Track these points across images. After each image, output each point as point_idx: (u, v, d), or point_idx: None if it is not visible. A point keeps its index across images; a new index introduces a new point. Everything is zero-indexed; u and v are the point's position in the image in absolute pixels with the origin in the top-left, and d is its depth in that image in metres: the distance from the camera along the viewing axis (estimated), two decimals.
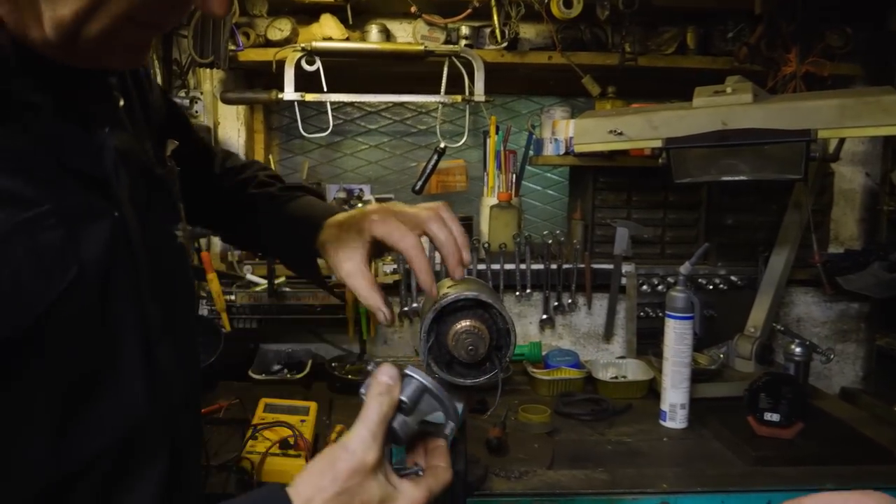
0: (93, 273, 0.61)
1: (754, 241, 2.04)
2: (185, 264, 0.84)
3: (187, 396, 0.78)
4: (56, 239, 0.57)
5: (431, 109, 2.20)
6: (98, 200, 0.65)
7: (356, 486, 0.65)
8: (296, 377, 1.81)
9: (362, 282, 0.82)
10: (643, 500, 1.26)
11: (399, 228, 0.81)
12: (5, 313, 0.54)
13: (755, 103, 1.51)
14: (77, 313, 0.60)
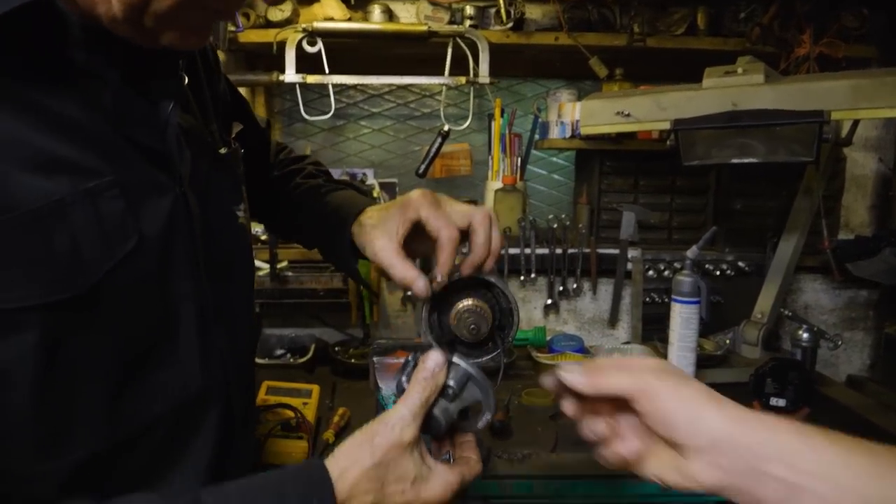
0: (153, 246, 0.64)
1: (763, 226, 2.01)
2: (244, 244, 0.85)
3: (240, 374, 0.80)
4: (117, 209, 0.59)
5: (435, 92, 2.17)
6: (160, 175, 0.66)
7: (392, 461, 0.66)
8: (299, 361, 1.79)
9: (395, 257, 0.80)
10: (646, 483, 1.24)
11: (445, 216, 0.80)
12: (63, 276, 0.56)
13: (767, 84, 1.48)
14: (136, 283, 0.62)
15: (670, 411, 0.62)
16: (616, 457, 0.67)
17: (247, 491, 0.63)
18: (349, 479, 0.65)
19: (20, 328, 0.54)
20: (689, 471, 0.62)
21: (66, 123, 0.58)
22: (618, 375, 0.65)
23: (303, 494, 0.63)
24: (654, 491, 1.23)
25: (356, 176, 2.07)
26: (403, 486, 0.67)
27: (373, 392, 1.45)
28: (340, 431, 1.39)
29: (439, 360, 0.71)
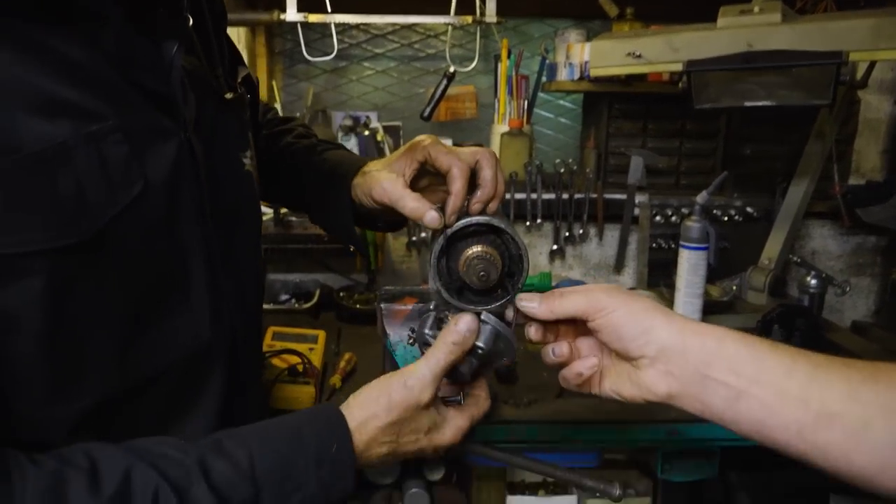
0: (159, 192, 0.62)
1: (772, 171, 1.98)
2: (251, 192, 0.84)
3: (248, 322, 0.80)
4: (121, 154, 0.58)
5: (440, 32, 2.11)
6: (164, 120, 0.64)
7: (408, 419, 0.69)
8: (303, 307, 1.80)
9: (403, 190, 0.80)
10: (652, 427, 1.25)
11: (452, 152, 0.79)
12: (68, 221, 0.55)
13: (783, 23, 1.43)
14: (143, 230, 0.61)
15: (621, 325, 0.66)
16: (574, 374, 0.71)
17: (264, 435, 0.64)
18: (366, 433, 0.67)
19: (26, 273, 0.54)
20: (643, 381, 0.66)
21: (68, 64, 0.56)
22: (571, 297, 0.69)
23: (320, 438, 0.65)
24: (659, 437, 1.24)
25: (360, 119, 2.03)
26: (417, 436, 0.71)
27: (380, 338, 1.46)
28: (347, 376, 1.40)
29: (472, 326, 0.72)
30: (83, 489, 0.53)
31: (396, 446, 0.70)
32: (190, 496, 0.57)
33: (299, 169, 0.97)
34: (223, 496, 0.58)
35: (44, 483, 0.52)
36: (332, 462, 0.65)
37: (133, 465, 0.56)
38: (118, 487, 0.54)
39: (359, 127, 1.98)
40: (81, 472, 0.54)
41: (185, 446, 0.60)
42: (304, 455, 0.63)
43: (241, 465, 0.60)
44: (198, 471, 0.58)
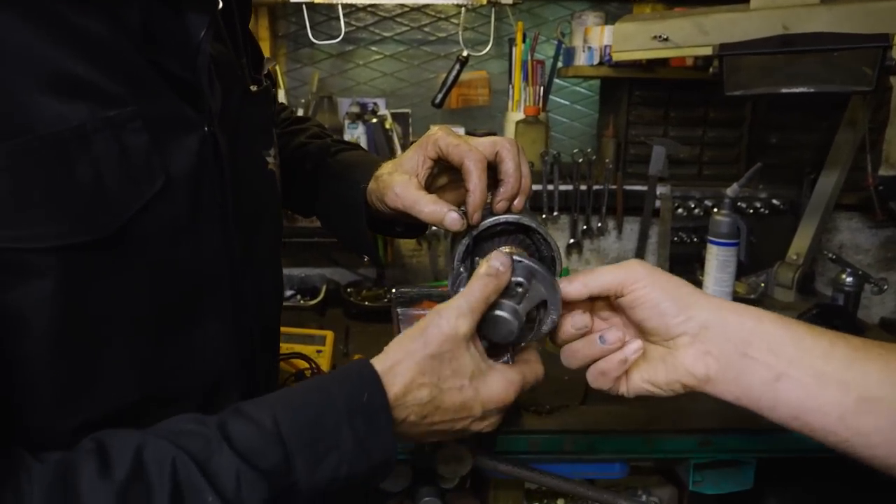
0: (181, 189, 0.57)
1: (800, 161, 1.89)
2: (274, 193, 0.77)
3: (266, 334, 0.74)
4: (140, 143, 0.53)
5: (451, 15, 2.01)
6: (187, 110, 0.58)
7: (447, 352, 0.61)
8: (310, 303, 1.72)
9: (417, 192, 0.72)
10: (683, 438, 1.18)
11: (467, 143, 0.71)
12: (86, 215, 0.50)
13: (822, 4, 1.34)
14: (165, 230, 0.55)
15: (663, 299, 0.62)
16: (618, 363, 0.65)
17: (287, 396, 0.57)
18: (401, 374, 0.59)
19: (36, 272, 0.48)
20: (680, 363, 0.63)
21: (87, 40, 0.50)
22: (606, 269, 0.65)
23: (349, 390, 0.57)
24: (690, 447, 1.17)
25: (367, 106, 1.94)
26: (461, 381, 0.62)
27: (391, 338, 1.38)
28: None
29: (505, 261, 0.64)
30: (94, 474, 0.47)
31: (438, 392, 0.60)
32: (212, 466, 0.50)
33: (311, 173, 0.90)
34: (250, 463, 0.51)
35: (50, 476, 0.47)
36: (366, 413, 0.57)
37: (144, 441, 0.51)
38: (131, 466, 0.48)
39: (366, 114, 1.89)
40: (89, 457, 0.48)
41: (200, 417, 0.55)
42: (333, 410, 0.56)
43: (266, 427, 0.53)
44: (219, 437, 0.52)
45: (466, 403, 0.62)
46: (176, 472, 0.49)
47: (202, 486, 0.49)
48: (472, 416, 0.63)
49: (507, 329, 0.65)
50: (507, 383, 0.64)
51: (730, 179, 1.62)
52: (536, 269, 0.65)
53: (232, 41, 0.72)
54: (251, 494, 0.51)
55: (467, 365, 0.62)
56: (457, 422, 0.63)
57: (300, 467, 0.54)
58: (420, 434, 0.63)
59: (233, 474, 0.51)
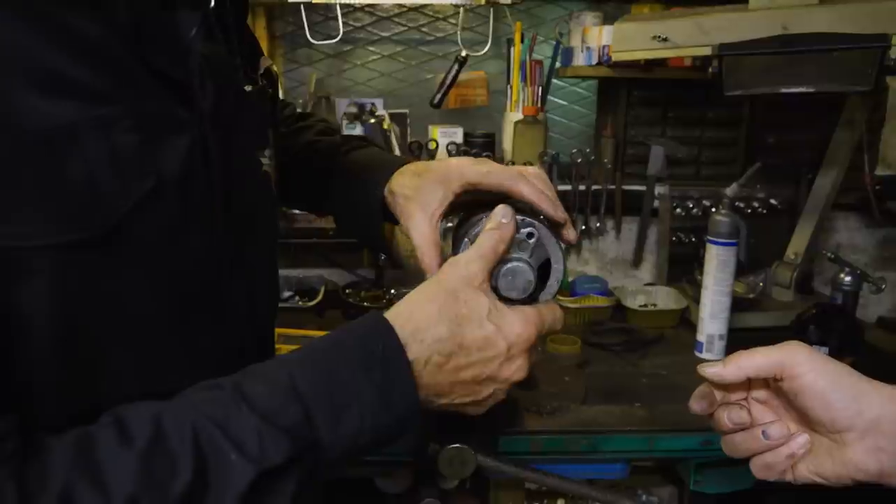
0: (172, 190, 0.55)
1: (797, 161, 1.89)
2: (268, 196, 0.76)
3: (259, 341, 0.73)
4: (130, 143, 0.52)
5: (449, 15, 2.01)
6: (178, 110, 0.56)
7: (461, 291, 0.61)
8: (308, 304, 1.72)
9: (427, 242, 0.71)
10: (685, 437, 1.18)
11: (498, 167, 0.70)
12: (77, 213, 0.49)
13: (821, 4, 1.34)
14: (156, 231, 0.54)
15: (830, 389, 0.58)
16: (785, 458, 0.62)
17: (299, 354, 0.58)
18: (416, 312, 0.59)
19: (31, 271, 0.48)
20: (849, 459, 0.59)
21: (76, 37, 0.49)
22: (763, 351, 0.61)
23: (362, 342, 0.57)
24: (691, 446, 1.17)
25: (365, 106, 1.93)
26: (480, 316, 0.61)
27: None
28: None
29: (508, 213, 0.65)
30: (113, 444, 0.47)
31: (457, 327, 0.60)
32: (232, 427, 0.50)
33: (322, 171, 0.88)
34: (269, 421, 0.51)
35: (71, 451, 0.47)
36: (383, 363, 0.56)
37: (162, 410, 0.51)
38: (150, 434, 0.48)
39: (364, 114, 1.88)
40: (108, 428, 0.49)
41: (215, 382, 0.54)
42: (347, 363, 0.56)
43: (283, 385, 0.53)
44: (236, 398, 0.52)
45: (489, 338, 0.61)
46: (197, 436, 0.49)
47: (225, 446, 0.49)
48: (498, 356, 0.62)
49: (524, 278, 0.66)
50: (526, 318, 0.63)
51: (728, 179, 1.62)
52: (538, 224, 0.67)
53: (226, 39, 0.71)
54: (275, 451, 0.51)
55: (483, 303, 0.61)
56: (484, 364, 0.61)
57: (321, 423, 0.53)
58: (448, 385, 0.61)
59: (255, 433, 0.51)
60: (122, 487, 0.46)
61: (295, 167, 0.90)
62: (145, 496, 0.47)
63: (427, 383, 0.60)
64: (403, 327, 0.59)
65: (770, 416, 0.64)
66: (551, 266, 0.68)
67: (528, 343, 0.63)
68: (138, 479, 0.47)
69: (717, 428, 0.66)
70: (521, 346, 0.63)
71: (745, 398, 0.66)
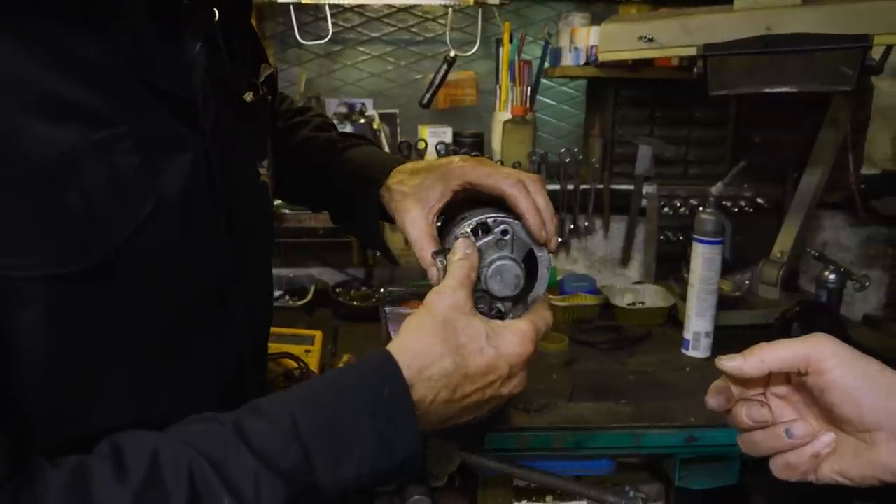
0: (172, 209, 0.55)
1: (783, 160, 1.91)
2: (265, 207, 0.76)
3: (255, 348, 0.73)
4: (131, 165, 0.52)
5: (438, 16, 2.02)
6: (180, 128, 0.56)
7: (456, 320, 0.61)
8: (298, 303, 1.72)
9: (423, 237, 0.71)
10: (670, 433, 1.19)
11: (498, 170, 0.70)
12: (74, 244, 0.49)
13: (804, 5, 1.35)
14: (155, 254, 0.54)
15: (857, 385, 0.55)
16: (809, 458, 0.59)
17: (304, 392, 0.57)
18: (421, 351, 0.60)
19: (25, 300, 0.48)
20: (877, 458, 0.55)
21: (76, 60, 0.49)
22: (786, 343, 0.58)
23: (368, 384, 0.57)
24: (676, 442, 1.18)
25: (355, 106, 1.94)
26: (479, 343, 0.62)
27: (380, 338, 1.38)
28: None
29: (468, 244, 0.66)
30: (109, 478, 0.47)
31: (461, 359, 0.60)
32: (229, 466, 0.50)
33: (319, 168, 0.88)
34: (269, 463, 0.51)
35: (66, 480, 0.47)
36: (388, 409, 0.56)
37: (160, 445, 0.50)
38: (147, 470, 0.48)
39: (354, 114, 1.89)
40: (105, 462, 0.48)
41: (216, 416, 0.54)
42: (352, 407, 0.56)
43: (283, 425, 0.53)
44: (236, 438, 0.51)
45: (492, 364, 0.62)
46: (192, 475, 0.49)
47: (219, 490, 0.49)
48: (500, 377, 0.63)
49: (512, 274, 0.67)
50: (523, 336, 0.64)
51: (715, 178, 1.64)
52: (511, 220, 0.68)
53: (229, 49, 0.70)
54: (270, 496, 0.50)
55: (479, 328, 0.62)
56: (487, 388, 0.62)
57: (320, 467, 0.53)
58: (453, 414, 0.62)
59: (251, 476, 0.50)
60: None
61: (292, 163, 0.90)
62: None
63: (432, 419, 0.61)
64: (410, 366, 0.58)
65: (790, 413, 0.61)
66: (536, 256, 0.69)
67: (528, 360, 0.64)
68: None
69: (735, 425, 0.63)
70: (521, 365, 0.64)
71: (763, 394, 0.63)
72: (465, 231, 0.68)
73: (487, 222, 0.68)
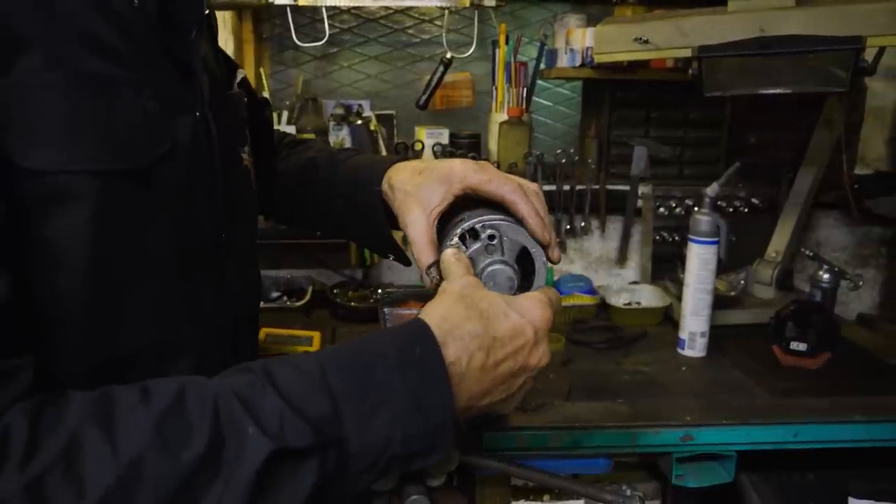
0: (183, 156, 0.62)
1: (778, 160, 1.92)
2: (249, 189, 0.81)
3: (249, 318, 0.79)
4: (154, 109, 0.58)
5: (434, 17, 2.03)
6: (185, 92, 0.65)
7: (472, 294, 0.62)
8: (296, 305, 1.73)
9: (423, 238, 0.72)
10: (666, 432, 1.20)
11: (499, 175, 0.72)
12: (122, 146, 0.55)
13: (798, 7, 1.37)
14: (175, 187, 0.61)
15: None
16: None
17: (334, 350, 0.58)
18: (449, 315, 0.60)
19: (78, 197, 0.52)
20: None
21: (115, 14, 0.57)
22: None
23: (399, 343, 0.57)
24: (672, 441, 1.19)
25: (351, 108, 1.95)
26: (501, 308, 0.62)
27: None
28: None
29: (452, 251, 0.68)
30: (133, 401, 0.49)
31: (487, 321, 0.60)
32: (256, 405, 0.50)
33: (324, 182, 0.90)
34: (295, 406, 0.51)
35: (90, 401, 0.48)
36: (420, 367, 0.56)
37: (187, 383, 0.52)
38: (172, 399, 0.49)
39: (351, 116, 1.90)
40: (131, 390, 0.50)
41: (244, 365, 0.55)
42: (383, 363, 0.55)
43: (313, 375, 0.53)
44: (263, 379, 0.52)
45: (517, 326, 0.62)
46: (217, 406, 0.49)
47: (243, 418, 0.49)
48: (528, 342, 0.62)
49: (505, 276, 0.68)
50: (539, 302, 0.64)
51: (710, 179, 1.64)
52: (497, 223, 0.69)
53: (212, 46, 0.79)
54: (294, 436, 0.50)
55: (496, 299, 0.63)
56: (518, 352, 0.62)
57: (349, 421, 0.53)
58: (489, 385, 0.61)
59: (276, 416, 0.50)
60: (131, 443, 0.46)
61: (297, 184, 0.94)
62: (153, 459, 0.47)
63: (470, 387, 0.60)
64: (440, 326, 0.58)
65: None
66: (530, 252, 0.70)
67: (549, 324, 0.64)
68: (150, 440, 0.47)
69: None
70: (544, 329, 0.64)
71: None
72: (455, 242, 0.69)
73: (475, 228, 0.69)
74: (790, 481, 1.26)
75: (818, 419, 1.22)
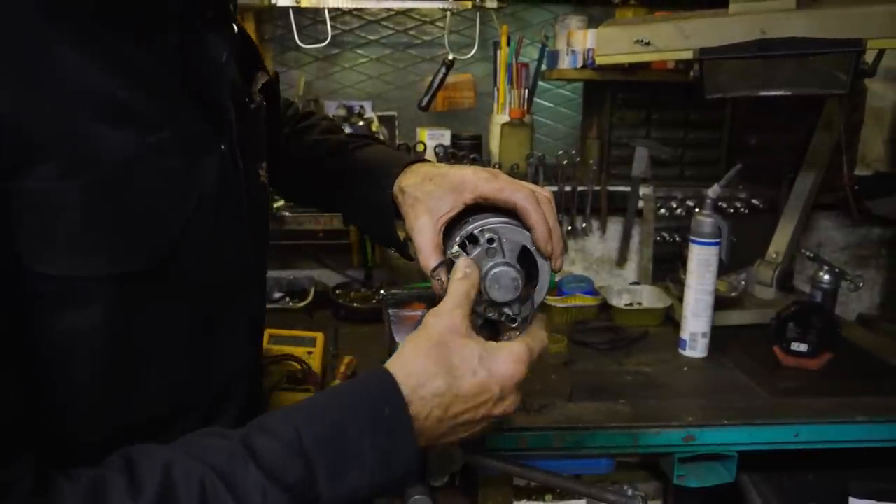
0: (209, 205, 0.60)
1: (778, 162, 1.93)
2: (264, 205, 0.80)
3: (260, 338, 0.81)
4: (178, 167, 0.56)
5: (436, 19, 2.03)
6: (209, 130, 0.63)
7: (450, 342, 0.63)
8: (298, 305, 1.73)
9: (429, 245, 0.72)
10: (667, 432, 1.21)
11: (511, 183, 0.71)
12: (136, 244, 0.53)
13: (799, 10, 1.37)
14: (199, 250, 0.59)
15: None
16: None
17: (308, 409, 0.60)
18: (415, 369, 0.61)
19: (91, 301, 0.51)
20: None
21: (132, 68, 0.53)
22: None
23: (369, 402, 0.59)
24: (674, 441, 1.20)
25: (353, 109, 1.95)
26: (472, 365, 0.63)
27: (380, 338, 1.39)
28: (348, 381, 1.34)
29: (469, 262, 0.68)
30: (123, 492, 0.49)
31: (453, 379, 0.62)
32: (238, 481, 0.52)
33: (331, 170, 0.90)
34: (274, 476, 0.53)
35: (81, 495, 0.49)
36: (388, 427, 0.59)
37: (172, 459, 0.53)
38: (160, 484, 0.50)
39: (353, 117, 1.90)
40: (119, 476, 0.50)
41: (224, 432, 0.57)
42: (355, 425, 0.58)
43: (289, 441, 0.55)
44: (243, 453, 0.54)
45: (483, 384, 0.63)
46: (204, 491, 0.51)
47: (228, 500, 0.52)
48: (492, 398, 0.64)
49: (508, 278, 0.68)
50: (516, 357, 0.65)
51: (711, 180, 1.65)
52: (496, 226, 0.69)
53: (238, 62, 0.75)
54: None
55: (473, 350, 0.64)
56: (479, 407, 0.64)
57: (323, 481, 0.55)
58: (446, 432, 0.64)
59: (259, 491, 0.53)
60: None
61: (303, 166, 0.93)
62: None
63: (428, 435, 0.63)
64: (405, 384, 0.61)
65: None
66: (529, 251, 0.71)
67: (519, 379, 0.65)
68: None
69: None
70: (511, 386, 0.65)
71: None
72: (455, 251, 0.70)
73: (474, 233, 0.70)
74: (791, 481, 1.27)
75: (819, 419, 1.23)
